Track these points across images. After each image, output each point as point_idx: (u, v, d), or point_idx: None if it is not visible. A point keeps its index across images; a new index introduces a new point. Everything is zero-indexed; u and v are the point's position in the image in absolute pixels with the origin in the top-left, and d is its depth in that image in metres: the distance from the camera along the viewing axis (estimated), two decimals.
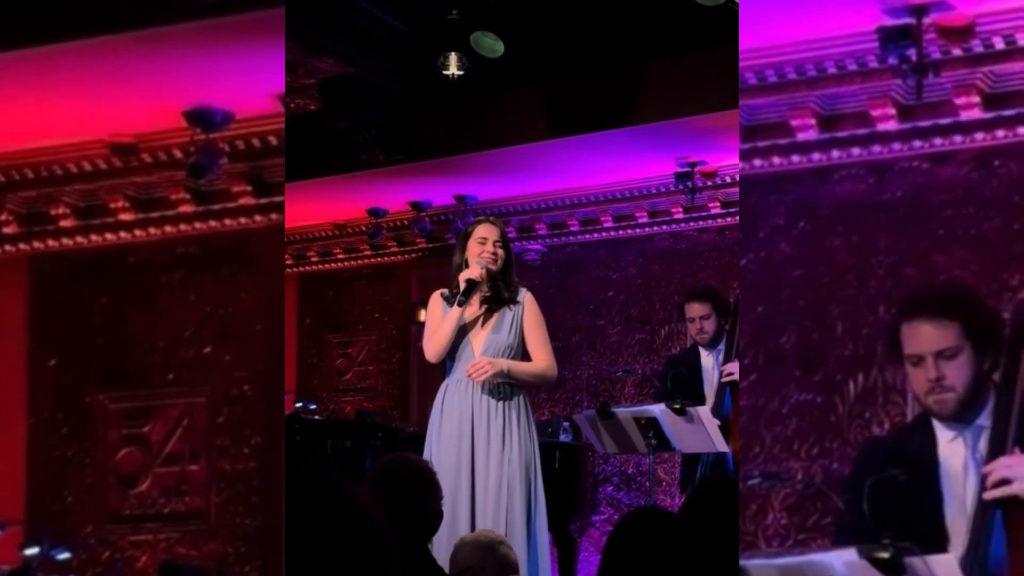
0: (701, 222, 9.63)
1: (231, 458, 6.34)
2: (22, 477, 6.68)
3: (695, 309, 7.16)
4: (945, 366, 3.50)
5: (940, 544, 3.44)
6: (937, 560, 3.03)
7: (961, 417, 3.55)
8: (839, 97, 5.91)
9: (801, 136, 5.97)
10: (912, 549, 3.03)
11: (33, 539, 5.63)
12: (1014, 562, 3.22)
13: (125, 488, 6.52)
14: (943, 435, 3.60)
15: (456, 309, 5.34)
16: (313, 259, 11.35)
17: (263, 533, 6.21)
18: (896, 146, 5.87)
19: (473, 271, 5.35)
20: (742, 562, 3.07)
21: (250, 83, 6.01)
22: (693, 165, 9.00)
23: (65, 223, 6.81)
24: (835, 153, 5.97)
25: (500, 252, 5.40)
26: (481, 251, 5.40)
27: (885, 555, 2.98)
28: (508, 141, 8.77)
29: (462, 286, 5.33)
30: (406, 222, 10.48)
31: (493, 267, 5.39)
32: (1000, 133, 5.70)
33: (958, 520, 3.49)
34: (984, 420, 3.53)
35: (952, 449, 3.57)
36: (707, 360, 7.16)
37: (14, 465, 6.68)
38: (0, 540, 5.82)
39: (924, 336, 3.52)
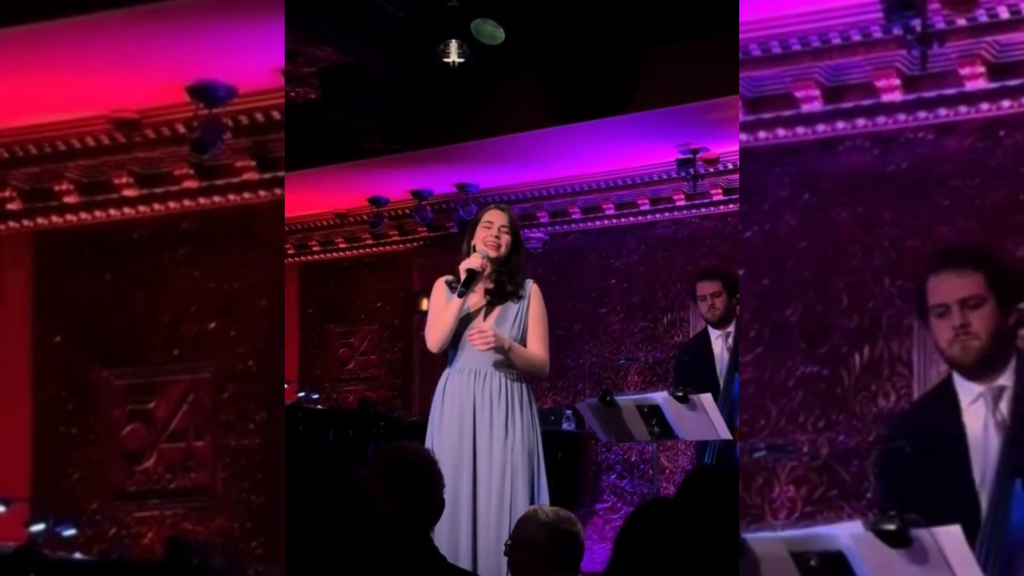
0: (703, 209, 9.61)
1: (236, 434, 6.33)
2: (27, 454, 6.68)
3: (706, 287, 7.13)
4: (970, 314, 3.53)
5: (972, 511, 3.42)
6: (943, 532, 3.01)
7: (983, 371, 3.56)
8: (843, 68, 5.90)
9: (805, 107, 5.97)
10: (918, 521, 3.02)
11: (39, 516, 5.56)
12: None
13: (130, 464, 6.52)
14: (965, 398, 3.61)
15: (456, 299, 5.21)
16: (315, 249, 11.32)
17: (269, 509, 6.19)
18: (901, 117, 5.86)
19: (473, 260, 5.21)
20: (749, 536, 3.04)
21: (253, 58, 5.99)
22: (695, 152, 8.97)
23: (69, 199, 6.81)
24: (839, 124, 5.96)
25: (505, 238, 5.26)
26: (486, 235, 5.26)
27: (891, 527, 2.95)
28: (509, 129, 8.73)
29: (462, 276, 5.20)
30: (407, 211, 10.44)
31: (494, 253, 5.24)
32: (1005, 103, 5.69)
33: (985, 484, 3.49)
34: (1006, 379, 3.54)
35: (974, 412, 3.58)
36: (717, 344, 7.13)
37: (19, 442, 6.68)
38: (6, 517, 5.79)
39: (949, 285, 3.55)
